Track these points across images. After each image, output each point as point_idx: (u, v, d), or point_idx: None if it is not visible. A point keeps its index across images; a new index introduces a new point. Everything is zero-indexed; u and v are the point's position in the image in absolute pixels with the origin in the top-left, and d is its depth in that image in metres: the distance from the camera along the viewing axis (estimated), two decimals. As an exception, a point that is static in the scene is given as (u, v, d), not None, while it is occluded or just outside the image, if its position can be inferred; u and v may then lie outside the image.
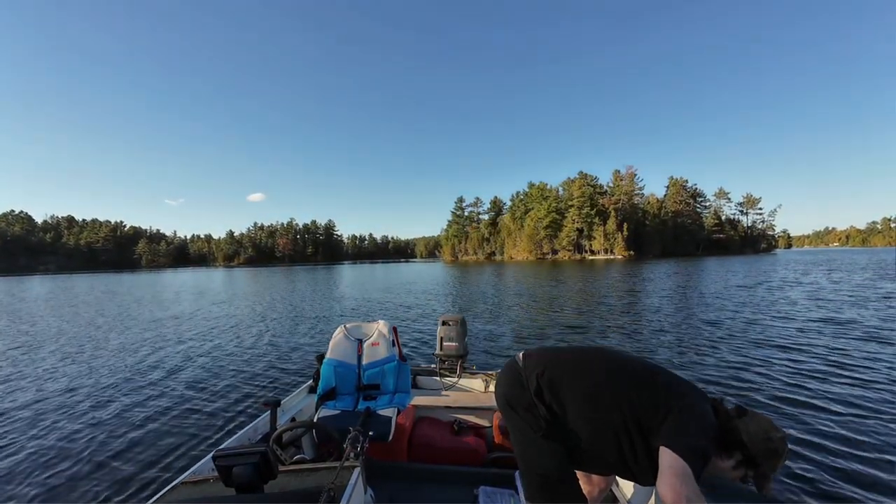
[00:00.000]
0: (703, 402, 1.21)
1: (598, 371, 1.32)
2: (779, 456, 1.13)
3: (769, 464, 1.13)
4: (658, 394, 1.20)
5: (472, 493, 1.83)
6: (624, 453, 1.22)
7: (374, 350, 2.36)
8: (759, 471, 1.14)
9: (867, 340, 6.26)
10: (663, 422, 1.15)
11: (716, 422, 1.17)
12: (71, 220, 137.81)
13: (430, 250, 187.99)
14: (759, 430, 1.14)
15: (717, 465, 1.18)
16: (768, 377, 4.67)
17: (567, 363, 1.38)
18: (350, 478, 1.22)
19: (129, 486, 2.81)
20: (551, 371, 1.34)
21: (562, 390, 1.30)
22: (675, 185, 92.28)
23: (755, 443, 1.13)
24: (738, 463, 1.16)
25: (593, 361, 1.36)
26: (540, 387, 1.32)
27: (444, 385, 3.00)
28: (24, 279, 55.49)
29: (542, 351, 1.47)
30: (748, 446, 1.13)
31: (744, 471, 1.16)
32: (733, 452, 1.16)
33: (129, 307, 14.96)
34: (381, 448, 2.22)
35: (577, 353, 1.45)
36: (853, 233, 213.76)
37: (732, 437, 1.15)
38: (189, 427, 3.77)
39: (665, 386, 1.23)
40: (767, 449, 1.12)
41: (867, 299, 10.65)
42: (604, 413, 1.23)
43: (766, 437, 1.13)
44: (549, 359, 1.40)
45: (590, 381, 1.30)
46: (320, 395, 2.24)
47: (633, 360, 1.37)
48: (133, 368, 6.00)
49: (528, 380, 1.35)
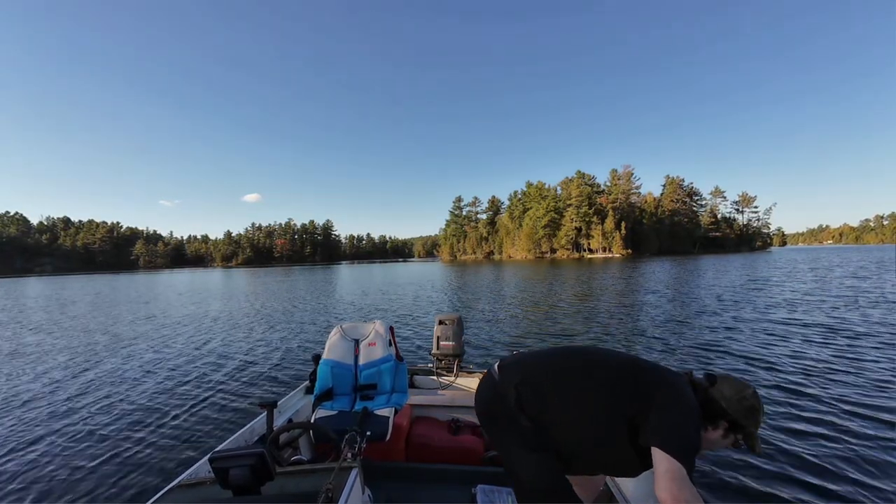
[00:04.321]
0: (684, 387, 1.20)
1: (578, 371, 1.29)
2: (757, 411, 1.16)
3: (752, 421, 1.16)
4: (640, 387, 1.19)
5: (469, 491, 1.83)
6: (614, 452, 1.21)
7: (371, 350, 2.36)
8: (746, 431, 1.17)
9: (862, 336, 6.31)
10: (649, 417, 1.14)
11: (696, 402, 1.18)
12: (67, 221, 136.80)
13: (428, 250, 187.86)
14: (732, 392, 1.18)
15: (707, 439, 1.19)
16: (766, 372, 4.73)
17: (545, 367, 1.34)
18: (348, 478, 1.21)
19: (125, 490, 2.79)
20: (530, 379, 1.31)
21: (543, 397, 1.27)
22: (672, 184, 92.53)
23: (734, 406, 1.16)
24: (725, 431, 1.18)
25: (571, 362, 1.33)
26: (520, 397, 1.28)
27: (441, 384, 3.00)
28: (20, 281, 55.05)
29: (518, 358, 1.42)
30: (729, 412, 1.16)
31: (732, 436, 1.19)
32: (718, 422, 1.18)
33: (126, 308, 14.89)
34: (378, 448, 2.22)
35: (555, 355, 1.40)
36: (847, 230, 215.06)
37: (713, 407, 1.18)
38: (185, 429, 3.76)
39: (646, 378, 1.22)
40: (746, 408, 1.15)
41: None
42: (589, 414, 1.21)
43: (741, 398, 1.16)
44: (526, 366, 1.36)
45: (571, 383, 1.27)
46: (317, 395, 2.24)
47: (610, 355, 1.35)
48: (127, 371, 5.96)
49: (506, 392, 1.31)
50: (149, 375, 5.65)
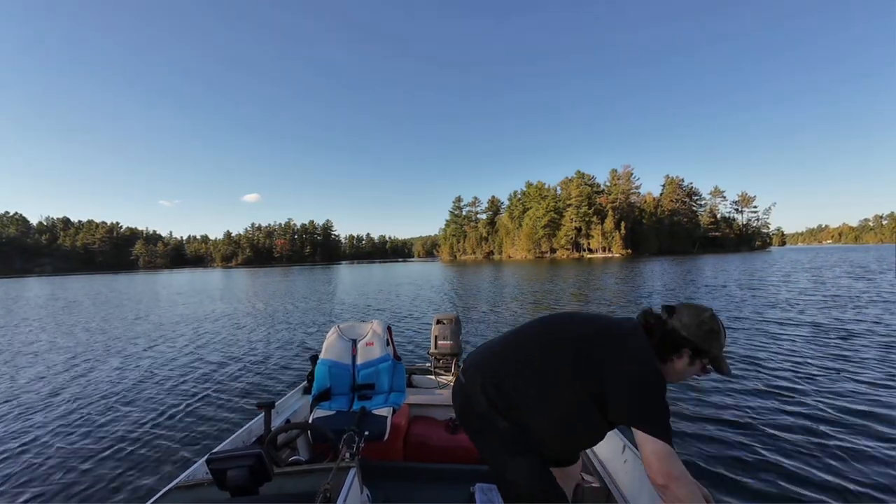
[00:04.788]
0: (638, 348, 1.18)
1: (536, 359, 1.24)
2: (718, 333, 1.17)
3: (714, 344, 1.16)
4: (598, 362, 1.17)
5: (468, 490, 1.83)
6: (592, 431, 1.21)
7: (369, 350, 2.36)
8: (710, 355, 1.18)
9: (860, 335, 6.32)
10: (615, 393, 1.13)
11: (653, 350, 1.18)
12: (66, 221, 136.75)
13: (427, 250, 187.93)
14: (691, 319, 1.18)
15: (674, 370, 1.20)
16: (763, 369, 4.74)
17: (504, 361, 1.30)
18: (346, 478, 1.21)
19: (122, 492, 2.77)
20: (492, 377, 1.27)
21: (509, 394, 1.23)
22: (672, 184, 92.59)
23: (694, 332, 1.16)
24: (689, 358, 1.19)
25: (528, 348, 1.29)
26: (489, 398, 1.24)
27: (439, 384, 3.01)
28: (20, 281, 55.00)
29: (477, 357, 1.38)
30: (690, 338, 1.16)
31: (698, 362, 1.19)
32: (681, 350, 1.18)
33: (124, 308, 14.89)
34: (376, 448, 2.22)
35: (509, 344, 1.34)
36: (846, 230, 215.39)
37: (674, 336, 1.18)
38: (182, 430, 3.73)
39: (601, 350, 1.19)
40: (706, 332, 1.16)
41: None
42: (558, 402, 1.19)
43: (699, 322, 1.17)
44: (486, 363, 1.32)
45: (532, 373, 1.23)
46: (315, 395, 2.24)
47: (563, 328, 1.29)
48: (123, 371, 5.93)
49: (475, 396, 1.28)
50: (146, 376, 5.63)
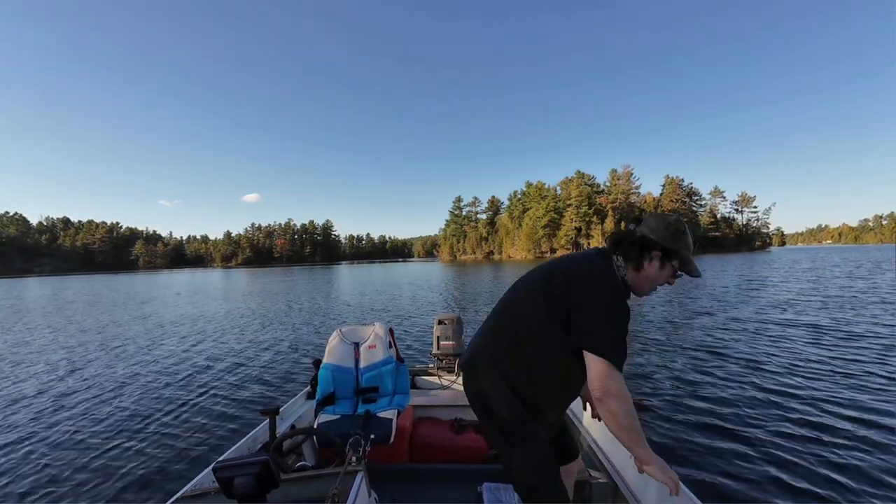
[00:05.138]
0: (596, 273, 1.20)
1: (516, 314, 1.25)
2: (683, 233, 1.22)
3: (681, 244, 1.21)
4: (560, 297, 1.18)
5: (476, 490, 1.84)
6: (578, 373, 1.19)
7: (372, 353, 2.36)
8: (679, 256, 1.22)
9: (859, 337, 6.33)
10: (574, 320, 1.15)
11: (615, 273, 1.21)
12: (66, 221, 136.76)
13: (427, 250, 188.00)
14: (657, 223, 1.23)
15: (648, 276, 1.23)
16: (761, 368, 4.75)
17: (493, 335, 1.30)
18: (353, 482, 1.20)
19: (127, 503, 2.73)
20: (487, 356, 1.27)
21: (501, 378, 1.23)
22: (672, 184, 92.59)
23: (661, 234, 1.21)
24: (660, 261, 1.22)
25: (510, 308, 1.30)
26: (492, 381, 1.24)
27: (443, 384, 3.02)
28: (19, 281, 54.99)
29: (470, 347, 1.37)
30: (658, 241, 1.20)
31: (668, 265, 1.23)
32: (652, 254, 1.21)
33: (122, 310, 14.89)
34: (382, 451, 2.22)
35: (490, 320, 1.35)
36: (846, 230, 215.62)
37: (644, 242, 1.22)
38: (186, 438, 3.66)
39: (561, 282, 1.19)
40: (672, 233, 1.21)
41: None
42: (547, 347, 1.19)
43: (665, 225, 1.22)
44: (479, 347, 1.32)
45: (512, 334, 1.24)
46: (319, 400, 2.24)
47: (532, 274, 1.30)
48: (121, 376, 5.83)
49: (474, 389, 1.29)
50: (144, 381, 5.55)
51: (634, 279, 1.24)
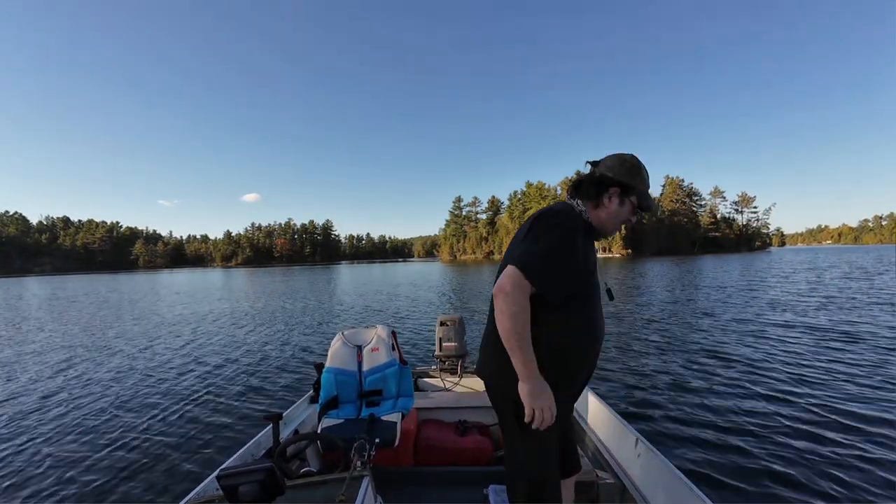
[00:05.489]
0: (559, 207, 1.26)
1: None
2: (639, 168, 1.27)
3: (638, 179, 1.26)
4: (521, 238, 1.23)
5: (481, 492, 1.82)
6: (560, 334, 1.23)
7: (374, 356, 2.34)
8: (637, 192, 1.26)
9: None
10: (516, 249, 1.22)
11: (571, 211, 1.25)
12: (66, 220, 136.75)
13: (427, 250, 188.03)
14: (613, 162, 1.28)
15: (609, 213, 1.28)
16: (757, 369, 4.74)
17: (486, 330, 1.36)
18: (360, 488, 1.20)
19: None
20: (483, 353, 1.34)
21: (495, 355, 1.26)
22: (672, 184, 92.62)
23: (617, 170, 1.25)
24: (619, 198, 1.26)
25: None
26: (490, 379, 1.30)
27: (446, 386, 3.01)
28: (19, 281, 54.95)
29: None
30: (615, 177, 1.25)
31: (627, 202, 1.27)
32: (609, 190, 1.26)
33: (121, 310, 14.87)
34: (387, 454, 2.21)
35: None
36: (845, 231, 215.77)
37: (602, 179, 1.26)
38: (186, 445, 3.58)
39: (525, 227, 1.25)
40: (628, 169, 1.26)
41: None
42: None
43: (622, 162, 1.27)
44: (481, 347, 1.38)
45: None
46: (322, 404, 2.22)
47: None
48: (119, 382, 5.71)
49: (489, 388, 1.33)
50: (142, 384, 5.47)
51: (597, 218, 1.28)
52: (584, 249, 1.21)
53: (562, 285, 1.15)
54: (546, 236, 1.15)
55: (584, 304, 1.24)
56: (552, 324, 1.19)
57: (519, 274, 1.10)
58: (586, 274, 1.22)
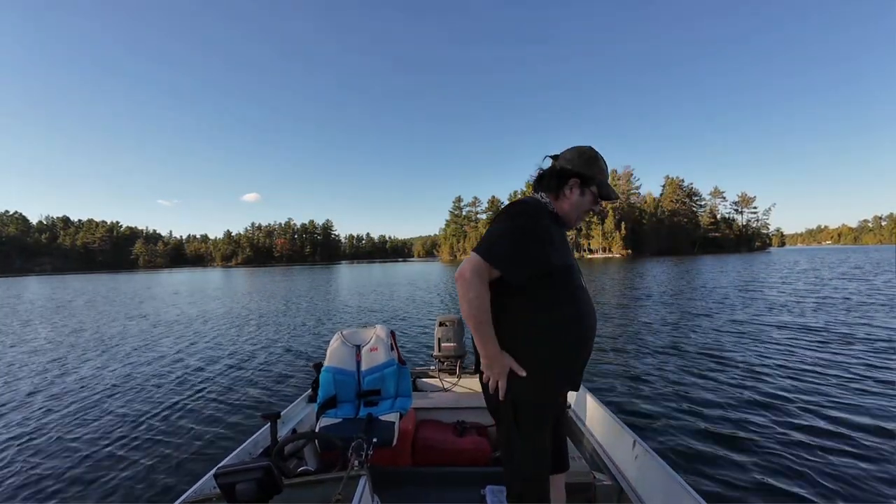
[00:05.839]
0: (525, 199, 1.31)
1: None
2: (597, 159, 1.32)
3: (596, 169, 1.31)
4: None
5: (479, 493, 1.83)
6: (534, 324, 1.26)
7: (373, 355, 2.35)
8: (596, 182, 1.31)
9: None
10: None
11: (535, 202, 1.29)
12: (66, 220, 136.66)
13: (427, 250, 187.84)
14: (572, 154, 1.33)
15: (571, 204, 1.32)
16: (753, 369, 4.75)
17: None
18: (357, 487, 1.20)
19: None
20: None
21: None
22: (672, 185, 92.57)
23: (576, 162, 1.31)
24: (579, 188, 1.30)
25: None
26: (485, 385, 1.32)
27: (445, 386, 3.01)
28: (19, 280, 54.92)
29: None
30: (574, 168, 1.30)
31: (588, 192, 1.31)
32: (570, 181, 1.30)
33: (120, 310, 14.86)
34: (385, 454, 2.21)
35: None
36: (845, 231, 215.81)
37: (562, 173, 1.31)
38: (184, 444, 3.57)
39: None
40: (586, 160, 1.31)
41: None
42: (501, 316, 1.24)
43: (580, 153, 1.32)
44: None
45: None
46: (320, 404, 2.23)
47: None
48: (117, 380, 5.70)
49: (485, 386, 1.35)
50: (142, 385, 5.46)
51: (560, 209, 1.33)
52: (553, 237, 1.22)
53: (522, 267, 1.16)
54: (507, 222, 1.19)
55: (566, 291, 1.24)
56: (540, 316, 1.20)
57: (478, 258, 1.13)
58: (558, 259, 1.22)
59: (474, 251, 1.16)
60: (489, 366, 1.19)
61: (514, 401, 1.21)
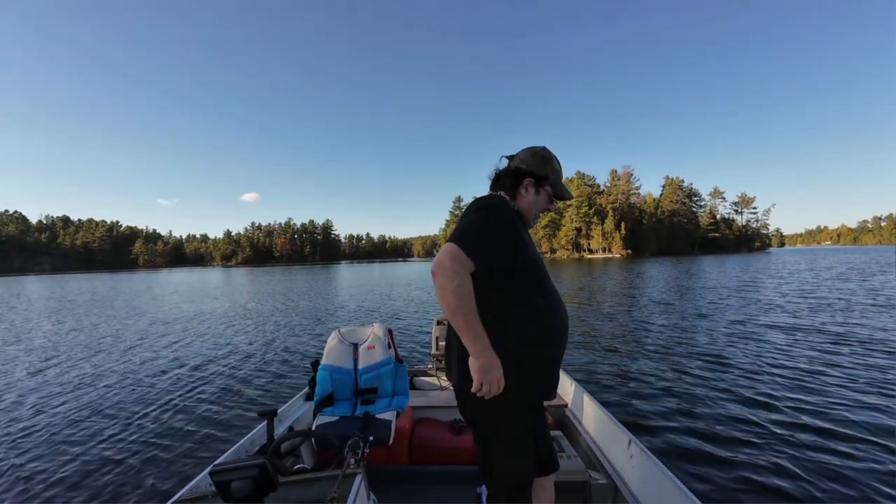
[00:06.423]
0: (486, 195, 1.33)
1: None
2: (549, 159, 1.34)
3: (549, 169, 1.33)
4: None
5: (475, 491, 1.83)
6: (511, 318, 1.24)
7: (370, 354, 2.35)
8: (550, 181, 1.34)
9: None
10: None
11: (498, 197, 1.29)
12: (66, 220, 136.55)
13: (427, 250, 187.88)
14: (526, 154, 1.35)
15: (528, 203, 1.33)
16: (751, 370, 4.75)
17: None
18: (352, 485, 1.20)
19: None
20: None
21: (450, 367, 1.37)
22: (671, 185, 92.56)
23: (529, 161, 1.33)
24: (534, 188, 1.32)
25: None
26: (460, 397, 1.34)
27: (442, 385, 3.02)
28: (19, 280, 54.86)
29: None
30: (528, 168, 1.31)
31: (542, 192, 1.34)
32: (525, 181, 1.32)
33: (119, 310, 14.86)
34: (381, 452, 2.22)
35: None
36: (844, 231, 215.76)
37: (518, 172, 1.32)
38: (180, 441, 3.57)
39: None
40: (539, 160, 1.33)
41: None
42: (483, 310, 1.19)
43: (533, 154, 1.34)
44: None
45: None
46: (317, 402, 2.22)
47: None
48: (113, 378, 5.71)
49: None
50: (138, 383, 5.46)
51: (519, 208, 1.34)
52: (521, 232, 1.23)
53: (496, 257, 1.15)
54: (477, 213, 1.19)
55: (540, 284, 1.24)
56: (517, 311, 1.19)
57: (454, 247, 1.09)
58: (526, 253, 1.22)
59: (448, 241, 1.13)
60: (484, 370, 1.10)
61: (494, 406, 1.16)
